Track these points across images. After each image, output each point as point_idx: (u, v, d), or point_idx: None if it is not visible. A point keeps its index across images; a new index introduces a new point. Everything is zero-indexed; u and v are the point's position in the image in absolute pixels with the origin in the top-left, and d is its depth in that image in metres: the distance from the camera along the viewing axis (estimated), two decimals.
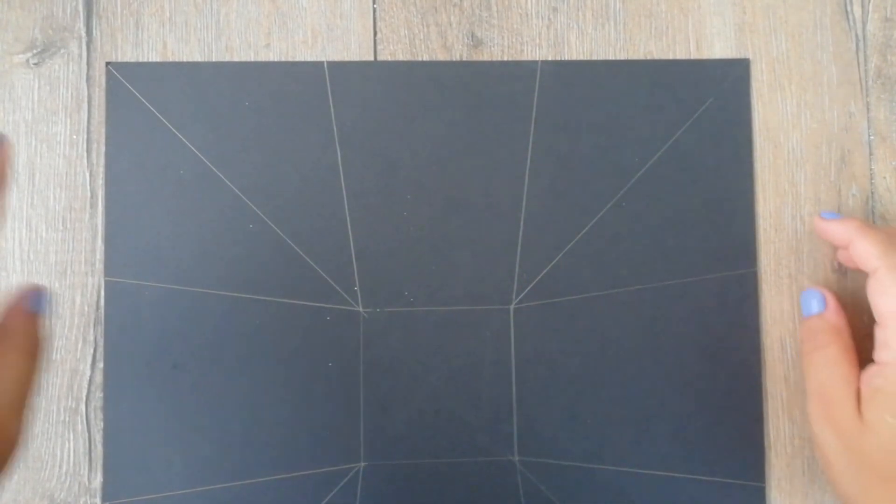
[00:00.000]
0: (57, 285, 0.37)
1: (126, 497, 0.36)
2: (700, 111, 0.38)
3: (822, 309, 0.35)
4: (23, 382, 0.27)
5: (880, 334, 0.33)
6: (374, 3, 0.39)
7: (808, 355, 0.35)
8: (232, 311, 0.37)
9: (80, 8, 0.38)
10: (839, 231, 0.35)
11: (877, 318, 0.33)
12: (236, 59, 0.38)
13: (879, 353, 0.33)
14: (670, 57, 0.39)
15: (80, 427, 0.37)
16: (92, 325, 0.37)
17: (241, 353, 0.37)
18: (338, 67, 0.38)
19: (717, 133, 0.38)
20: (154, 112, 0.38)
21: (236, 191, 0.37)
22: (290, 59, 0.38)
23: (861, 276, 0.38)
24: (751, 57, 0.39)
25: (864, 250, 0.33)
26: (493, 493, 0.37)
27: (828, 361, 0.34)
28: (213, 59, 0.38)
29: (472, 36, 0.39)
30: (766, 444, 0.37)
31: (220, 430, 0.37)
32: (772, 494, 0.37)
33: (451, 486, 0.37)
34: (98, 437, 0.36)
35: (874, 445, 0.31)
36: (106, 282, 0.37)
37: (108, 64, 0.38)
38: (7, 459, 0.27)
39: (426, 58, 0.38)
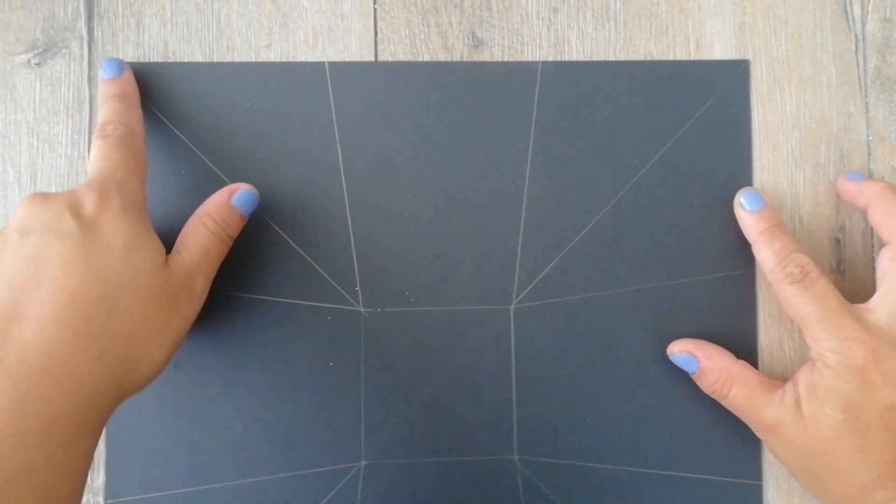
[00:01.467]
0: None
1: (128, 495, 0.36)
2: (700, 112, 0.38)
3: (697, 364, 0.36)
4: (209, 256, 0.34)
5: (804, 335, 0.34)
6: (374, 3, 0.39)
7: (723, 403, 0.36)
8: (233, 311, 0.37)
9: (82, 8, 0.38)
10: (747, 227, 0.36)
11: None
12: (237, 59, 0.38)
13: (810, 351, 0.34)
14: (670, 57, 0.39)
15: None
16: None
17: (242, 353, 0.37)
18: (339, 68, 0.38)
19: (717, 134, 0.38)
20: (155, 112, 0.38)
21: None
22: (290, 59, 0.38)
23: (860, 273, 0.38)
24: (750, 57, 0.39)
25: (760, 260, 0.35)
26: (493, 491, 0.37)
27: (741, 403, 0.35)
28: (215, 60, 0.38)
29: (473, 36, 0.39)
30: (763, 442, 0.37)
31: (221, 430, 0.37)
32: (769, 493, 0.37)
33: (451, 485, 0.37)
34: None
35: (817, 438, 0.32)
36: None
37: None
38: (193, 311, 0.33)
39: (427, 58, 0.39)
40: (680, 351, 0.36)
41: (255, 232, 0.37)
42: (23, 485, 0.26)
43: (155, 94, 0.38)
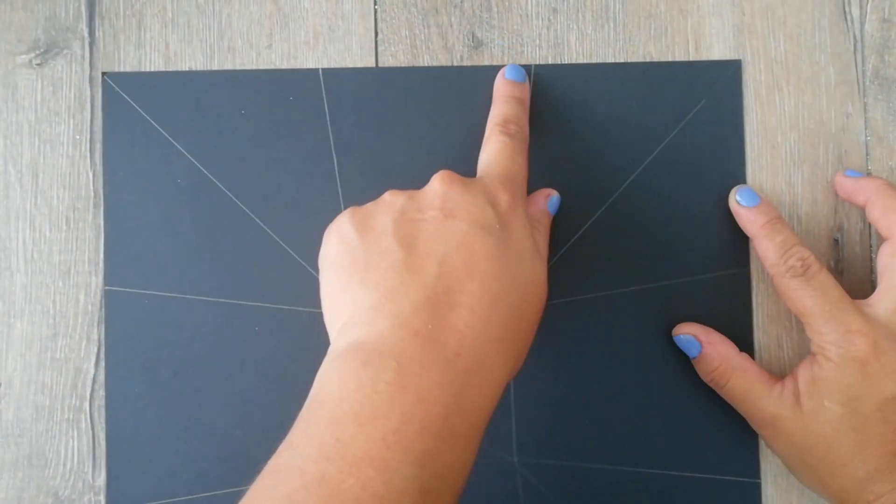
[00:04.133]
0: (61, 284, 0.37)
1: None
2: (693, 113, 0.38)
3: (700, 348, 0.36)
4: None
5: (805, 328, 0.34)
6: (374, 4, 0.39)
7: (721, 392, 0.36)
8: (231, 318, 0.37)
9: (83, 9, 0.38)
10: (746, 222, 0.36)
11: None
12: (238, 59, 0.38)
13: (811, 345, 0.34)
14: (669, 58, 0.39)
15: (83, 425, 0.37)
16: (95, 324, 0.37)
17: (241, 360, 0.37)
18: (333, 74, 0.38)
19: (710, 134, 0.38)
20: (150, 122, 0.38)
21: (233, 198, 0.38)
22: (291, 59, 0.38)
23: (858, 273, 0.38)
24: (749, 58, 0.39)
25: (761, 254, 0.35)
26: (492, 493, 0.37)
27: (739, 394, 0.35)
28: (215, 60, 0.38)
29: (473, 37, 0.39)
30: (761, 440, 0.37)
31: (221, 436, 0.37)
32: (768, 491, 0.37)
33: None
34: (102, 436, 0.37)
35: (815, 432, 0.32)
36: (106, 291, 0.37)
37: (104, 74, 0.38)
38: (540, 305, 0.31)
39: (427, 59, 0.39)
40: (685, 333, 0.37)
41: (251, 239, 0.38)
42: (446, 484, 0.25)
43: (151, 103, 0.38)
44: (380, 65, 0.39)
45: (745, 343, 0.37)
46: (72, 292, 0.37)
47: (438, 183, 0.30)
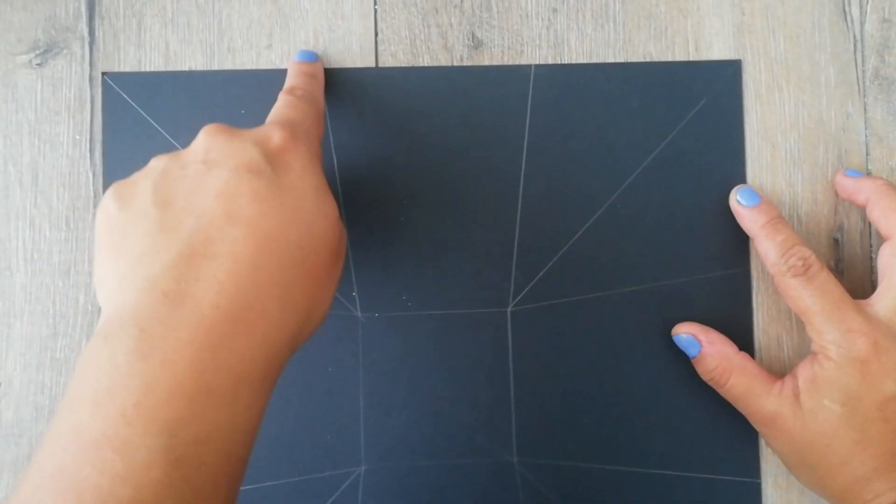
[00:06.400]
0: (60, 284, 0.37)
1: None
2: (693, 113, 0.38)
3: (699, 348, 0.36)
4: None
5: (806, 328, 0.34)
6: (375, 4, 0.39)
7: (721, 391, 0.36)
8: None
9: (83, 9, 0.38)
10: (747, 221, 0.36)
11: None
12: (238, 59, 0.38)
13: (812, 345, 0.34)
14: (669, 58, 0.39)
15: None
16: (95, 324, 0.37)
17: None
18: (333, 74, 0.38)
19: (710, 134, 0.38)
20: (151, 122, 0.38)
21: None
22: (291, 59, 0.38)
23: (858, 273, 0.38)
24: (749, 58, 0.39)
25: (762, 253, 0.35)
26: (492, 493, 0.37)
27: (739, 393, 0.35)
28: (215, 60, 0.38)
29: (473, 37, 0.39)
30: (761, 440, 0.37)
31: None
32: (768, 491, 0.38)
33: (450, 488, 0.37)
34: None
35: (815, 430, 0.32)
36: None
37: (104, 74, 0.38)
38: (334, 243, 0.29)
39: (427, 59, 0.39)
40: (685, 333, 0.37)
41: None
42: (209, 447, 0.23)
43: (151, 103, 0.38)
44: (380, 65, 0.39)
45: (745, 343, 0.37)
46: (72, 292, 0.37)
47: (202, 135, 0.29)
